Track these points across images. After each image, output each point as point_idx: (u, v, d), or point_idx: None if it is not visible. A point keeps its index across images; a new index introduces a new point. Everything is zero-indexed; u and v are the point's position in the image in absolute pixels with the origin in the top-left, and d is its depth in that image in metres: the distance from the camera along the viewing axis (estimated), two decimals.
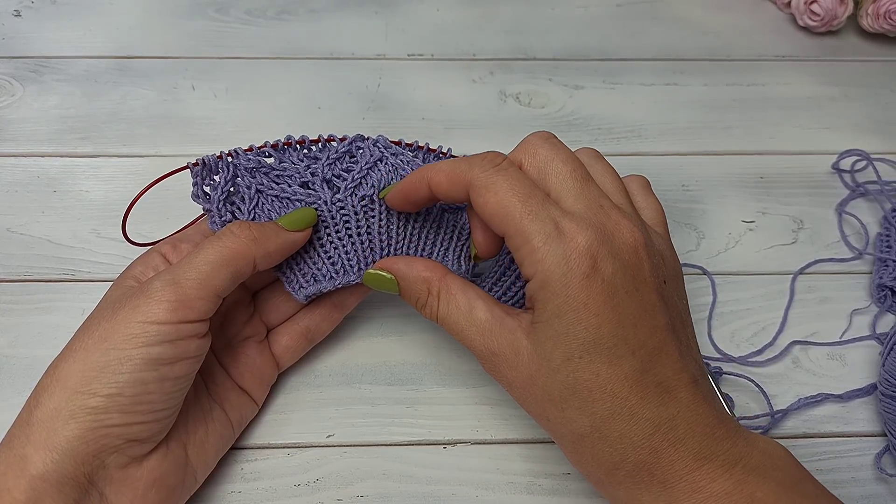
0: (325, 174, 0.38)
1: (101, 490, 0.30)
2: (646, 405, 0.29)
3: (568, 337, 0.29)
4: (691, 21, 0.63)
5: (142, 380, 0.30)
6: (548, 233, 0.30)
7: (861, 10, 0.60)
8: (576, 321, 0.29)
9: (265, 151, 0.38)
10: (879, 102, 0.57)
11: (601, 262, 0.29)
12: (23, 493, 0.28)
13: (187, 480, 0.34)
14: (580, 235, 0.29)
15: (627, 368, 0.29)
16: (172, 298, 0.31)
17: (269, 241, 0.34)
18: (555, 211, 0.30)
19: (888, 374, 0.40)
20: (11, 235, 0.46)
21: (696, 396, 0.30)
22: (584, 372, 0.29)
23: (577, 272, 0.29)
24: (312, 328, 0.40)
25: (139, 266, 0.35)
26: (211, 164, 0.37)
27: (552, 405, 0.30)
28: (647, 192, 0.36)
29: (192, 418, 0.34)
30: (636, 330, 0.29)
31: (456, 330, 0.33)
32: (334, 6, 0.62)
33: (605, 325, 0.29)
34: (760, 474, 0.29)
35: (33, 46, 0.57)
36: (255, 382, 0.38)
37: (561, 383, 0.30)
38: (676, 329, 0.31)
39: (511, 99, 0.56)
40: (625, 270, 0.30)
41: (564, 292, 0.29)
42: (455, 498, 0.37)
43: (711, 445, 0.29)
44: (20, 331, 0.42)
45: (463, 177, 0.32)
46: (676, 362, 0.30)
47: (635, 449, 0.29)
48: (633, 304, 0.30)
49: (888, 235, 0.48)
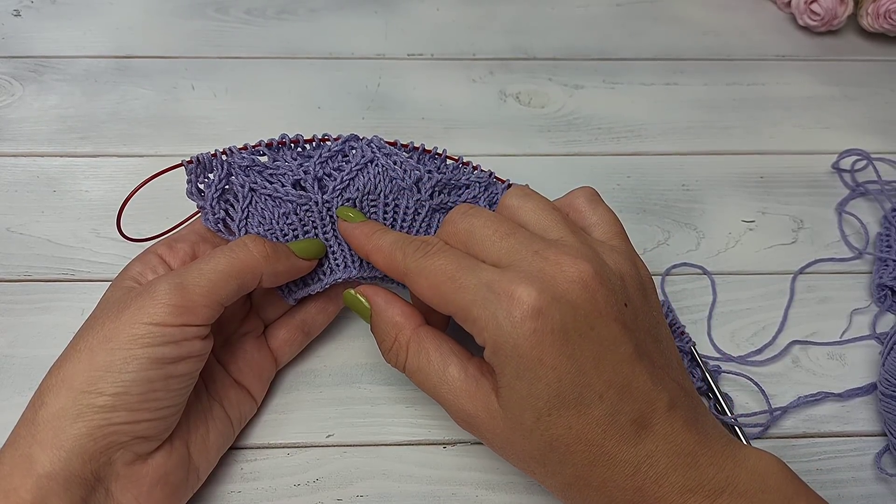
0: (316, 172, 0.38)
1: (108, 487, 0.30)
2: (622, 447, 0.28)
3: (532, 397, 0.28)
4: (691, 21, 0.63)
5: (148, 378, 0.30)
6: (483, 299, 0.29)
7: (861, 9, 0.60)
8: (535, 380, 0.28)
9: (259, 150, 0.38)
10: (879, 102, 0.57)
11: (546, 310, 0.28)
12: (29, 492, 0.28)
13: (190, 478, 0.34)
14: (518, 290, 0.28)
15: (598, 414, 0.28)
16: (177, 303, 0.31)
17: (279, 261, 0.35)
18: (487, 275, 0.29)
19: (888, 373, 0.40)
20: (11, 235, 0.46)
21: (674, 425, 0.29)
22: (556, 428, 0.28)
23: (522, 330, 0.28)
24: (308, 321, 0.40)
25: (137, 267, 0.35)
26: (205, 162, 0.37)
27: (534, 462, 0.30)
28: (595, 205, 0.35)
29: (192, 416, 0.35)
30: (598, 371, 0.28)
31: (427, 386, 0.32)
32: (334, 6, 0.62)
33: (565, 376, 0.28)
34: (748, 499, 0.28)
35: (33, 46, 0.57)
36: (253, 378, 0.38)
37: (537, 442, 0.29)
38: (646, 352, 0.30)
39: (511, 99, 0.56)
40: (574, 312, 0.28)
41: (516, 353, 0.28)
42: (455, 498, 0.37)
43: (695, 476, 0.28)
44: (20, 331, 0.42)
45: (398, 266, 0.33)
46: (649, 391, 0.29)
47: (621, 491, 0.29)
48: (589, 346, 0.28)
49: (888, 235, 0.48)
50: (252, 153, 0.38)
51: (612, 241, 0.33)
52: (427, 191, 0.38)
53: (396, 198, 0.38)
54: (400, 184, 0.38)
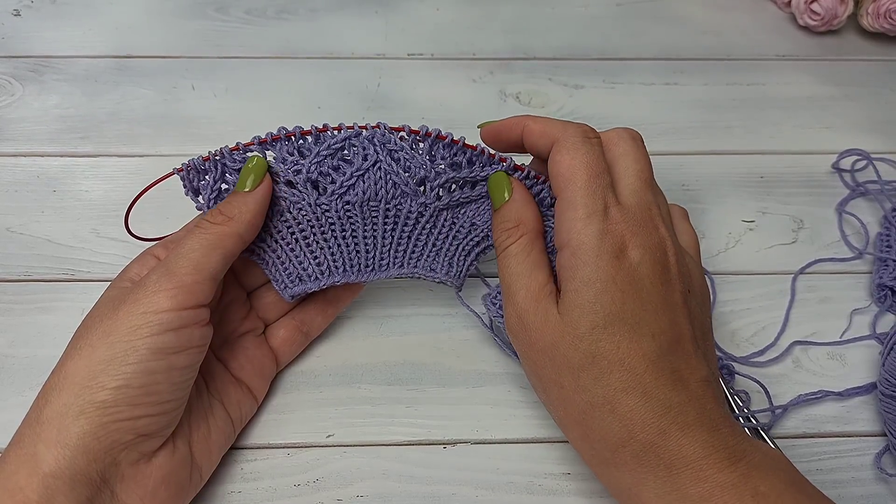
0: (310, 173, 0.36)
1: (113, 488, 0.30)
2: (659, 386, 0.30)
3: (595, 305, 0.31)
4: (691, 21, 0.63)
5: (149, 370, 0.30)
6: (596, 210, 0.32)
7: (861, 9, 0.60)
8: (603, 292, 0.31)
9: (251, 148, 0.36)
10: (879, 102, 0.57)
11: (632, 250, 0.32)
12: (35, 491, 0.28)
13: (193, 478, 0.34)
14: (621, 223, 0.32)
15: (647, 348, 0.30)
16: (170, 286, 0.31)
17: (242, 213, 0.35)
18: (610, 198, 0.33)
19: (888, 373, 0.40)
20: (11, 235, 0.46)
21: (707, 392, 0.31)
22: (606, 342, 0.31)
23: (608, 249, 0.31)
24: (308, 321, 0.40)
25: (135, 268, 0.35)
26: (197, 167, 0.36)
27: (569, 372, 0.31)
28: (684, 221, 0.39)
29: (194, 415, 0.35)
30: (657, 317, 0.31)
31: (509, 272, 0.34)
32: (334, 6, 0.62)
33: (630, 302, 0.31)
34: (763, 471, 0.29)
35: (33, 46, 0.57)
36: (254, 375, 0.38)
37: (583, 351, 0.31)
38: (696, 335, 0.33)
39: (511, 98, 0.56)
40: (653, 264, 0.32)
41: (596, 263, 0.31)
42: (455, 498, 0.37)
43: (718, 438, 0.30)
44: (20, 331, 0.42)
45: (554, 132, 0.35)
46: (692, 359, 0.31)
47: (644, 427, 0.30)
48: (656, 295, 0.32)
49: (888, 235, 0.48)
50: (245, 152, 0.36)
51: (691, 251, 0.37)
52: (433, 191, 0.37)
53: (399, 202, 0.37)
54: (403, 188, 0.37)
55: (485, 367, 0.42)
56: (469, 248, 0.39)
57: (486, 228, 0.39)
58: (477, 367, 0.42)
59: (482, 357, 0.42)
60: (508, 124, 0.37)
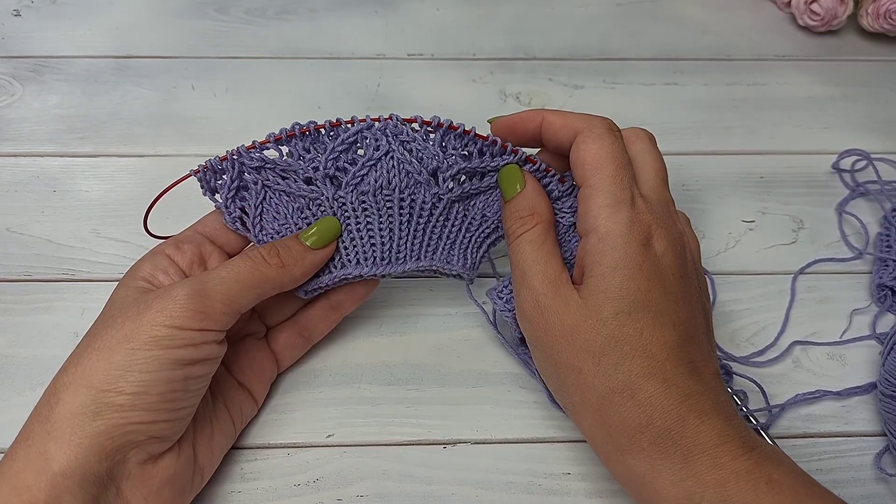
0: (328, 169, 0.37)
1: (119, 486, 0.30)
2: (678, 374, 0.31)
3: (622, 291, 0.31)
4: (691, 21, 0.63)
5: (167, 378, 0.31)
6: (624, 198, 0.33)
7: (861, 9, 0.60)
8: (630, 278, 0.31)
9: (267, 146, 0.37)
10: (879, 102, 0.57)
11: (657, 241, 0.33)
12: (42, 490, 0.28)
13: (195, 479, 0.34)
14: (647, 213, 0.33)
15: (668, 336, 0.31)
16: (199, 308, 0.32)
17: (295, 266, 0.35)
18: (635, 189, 0.34)
19: (888, 373, 0.40)
20: (11, 235, 0.46)
21: (719, 385, 0.32)
22: (629, 328, 0.31)
23: (636, 237, 0.32)
24: (310, 327, 0.40)
25: (147, 267, 0.35)
26: (214, 167, 0.37)
27: (590, 357, 0.31)
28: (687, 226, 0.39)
29: (199, 418, 0.35)
30: (678, 307, 0.32)
31: (524, 260, 0.35)
32: (334, 6, 0.62)
33: (655, 291, 0.32)
34: (775, 461, 0.30)
35: (33, 46, 0.57)
36: (255, 378, 0.38)
37: (606, 336, 0.31)
38: (706, 330, 0.34)
39: (511, 98, 0.56)
40: (675, 257, 0.33)
41: (624, 249, 0.32)
42: (455, 498, 0.37)
43: (732, 428, 0.30)
44: (20, 331, 0.42)
45: (577, 124, 0.35)
46: (706, 352, 0.33)
47: (663, 414, 0.30)
48: (677, 286, 0.32)
49: (888, 235, 0.48)
50: (261, 149, 0.37)
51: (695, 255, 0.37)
52: (445, 182, 0.37)
53: (413, 192, 0.37)
54: (417, 177, 0.37)
55: (485, 367, 0.42)
56: (481, 240, 0.39)
57: (496, 220, 0.39)
58: (477, 367, 0.42)
59: (482, 357, 0.42)
60: (525, 117, 0.37)
